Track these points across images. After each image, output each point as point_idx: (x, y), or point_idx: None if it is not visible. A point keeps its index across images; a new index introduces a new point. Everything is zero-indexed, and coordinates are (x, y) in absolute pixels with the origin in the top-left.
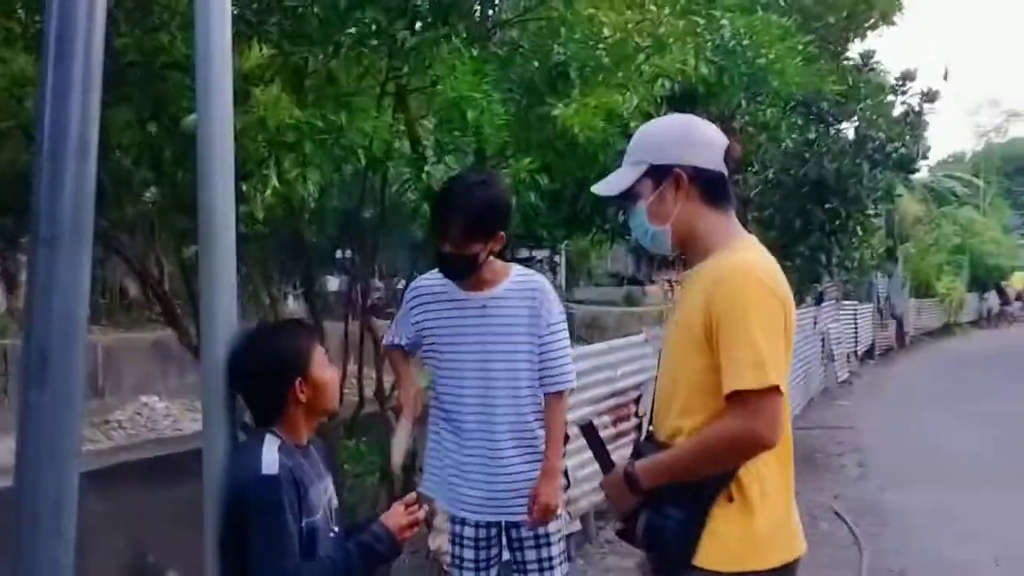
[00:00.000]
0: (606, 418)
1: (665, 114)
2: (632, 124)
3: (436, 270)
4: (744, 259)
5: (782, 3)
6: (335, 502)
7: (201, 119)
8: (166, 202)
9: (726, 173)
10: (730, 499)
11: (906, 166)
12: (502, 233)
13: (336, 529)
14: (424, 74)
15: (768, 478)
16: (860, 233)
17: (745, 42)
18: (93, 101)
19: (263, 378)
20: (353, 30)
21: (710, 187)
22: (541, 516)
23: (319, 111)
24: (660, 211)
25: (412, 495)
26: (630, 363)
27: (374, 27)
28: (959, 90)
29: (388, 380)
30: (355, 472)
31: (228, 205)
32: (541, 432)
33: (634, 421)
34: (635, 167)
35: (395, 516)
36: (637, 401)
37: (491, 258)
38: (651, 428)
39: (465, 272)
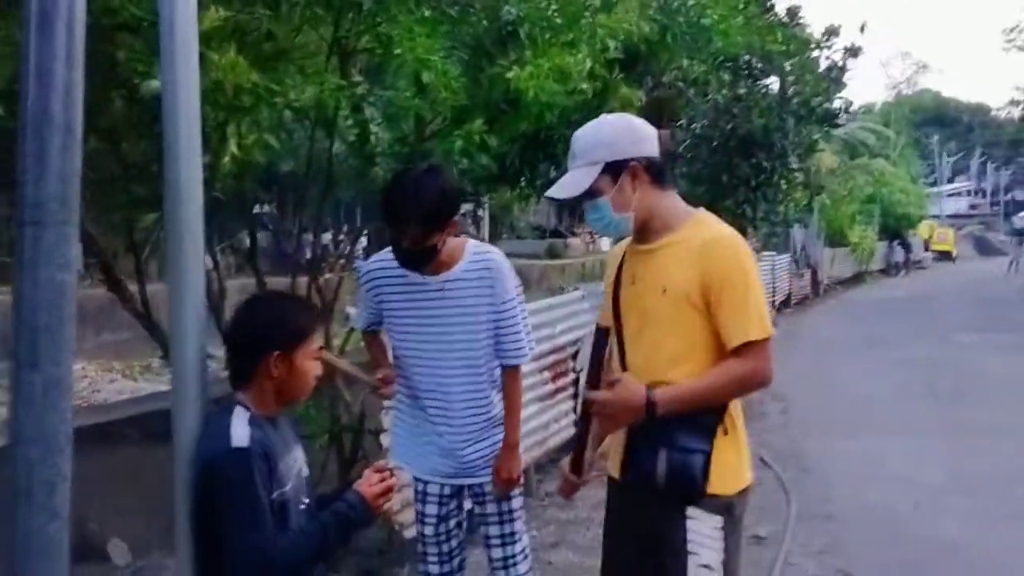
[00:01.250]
0: (546, 374)
1: (616, 76)
2: (584, 86)
3: (385, 252)
4: (727, 231)
5: None
6: (305, 471)
7: (166, 86)
8: (115, 168)
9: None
10: (725, 432)
11: (829, 120)
12: (455, 219)
13: (307, 500)
14: (375, 35)
15: (737, 412)
16: (784, 187)
17: (690, 1)
18: (77, 75)
19: (246, 338)
20: None
21: (658, 171)
22: (504, 488)
23: (274, 75)
24: (621, 201)
25: (384, 462)
26: (568, 319)
27: None
28: (872, 42)
29: (336, 341)
30: (303, 434)
31: (195, 173)
32: (499, 400)
33: (571, 376)
34: (591, 167)
35: (368, 484)
36: (574, 357)
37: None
38: (615, 377)
39: (426, 262)
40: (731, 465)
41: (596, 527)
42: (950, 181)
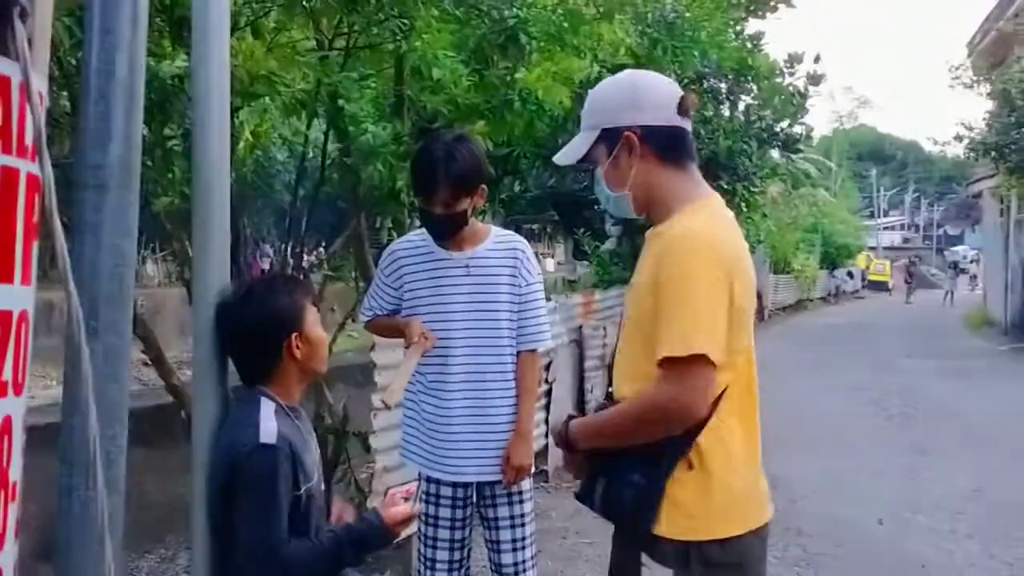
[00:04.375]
0: None
1: None
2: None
3: (411, 233)
4: (691, 226)
5: None
6: (318, 460)
7: (196, 68)
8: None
9: (683, 126)
10: (690, 466)
11: (791, 146)
12: (483, 187)
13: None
14: (385, 28)
15: (730, 442)
16: (744, 210)
17: (687, 14)
18: (141, 37)
19: (258, 333)
20: None
21: (664, 144)
22: (515, 476)
23: (283, 63)
24: (616, 175)
25: (412, 487)
26: None
27: None
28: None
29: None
30: None
31: (224, 154)
32: None
33: (544, 387)
34: (589, 132)
35: (393, 508)
36: (547, 368)
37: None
38: (611, 389)
39: (455, 231)
40: (691, 507)
41: (573, 536)
42: (885, 214)
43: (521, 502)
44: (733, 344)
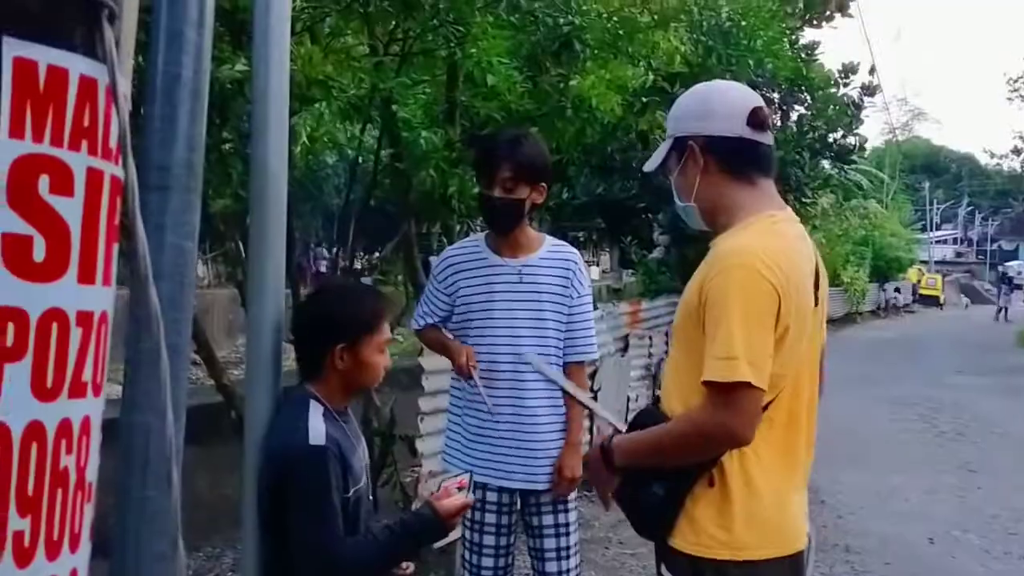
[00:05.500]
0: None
1: (679, 91)
2: (644, 100)
3: (464, 240)
4: (741, 243)
5: None
6: (366, 463)
7: (256, 71)
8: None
9: (755, 138)
10: (710, 484)
11: (844, 157)
12: (544, 185)
13: (372, 497)
14: (440, 34)
15: (753, 469)
16: None
17: (743, 23)
18: (206, 41)
19: (307, 332)
20: None
21: (729, 156)
22: (566, 487)
23: (339, 68)
24: (684, 186)
25: (465, 478)
26: None
27: None
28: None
29: None
30: None
31: (282, 155)
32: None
33: (588, 394)
34: (667, 141)
35: (447, 499)
36: (592, 376)
37: (527, 225)
38: (659, 392)
39: (512, 220)
40: (706, 524)
41: (616, 546)
42: (938, 228)
43: (566, 511)
44: (775, 368)
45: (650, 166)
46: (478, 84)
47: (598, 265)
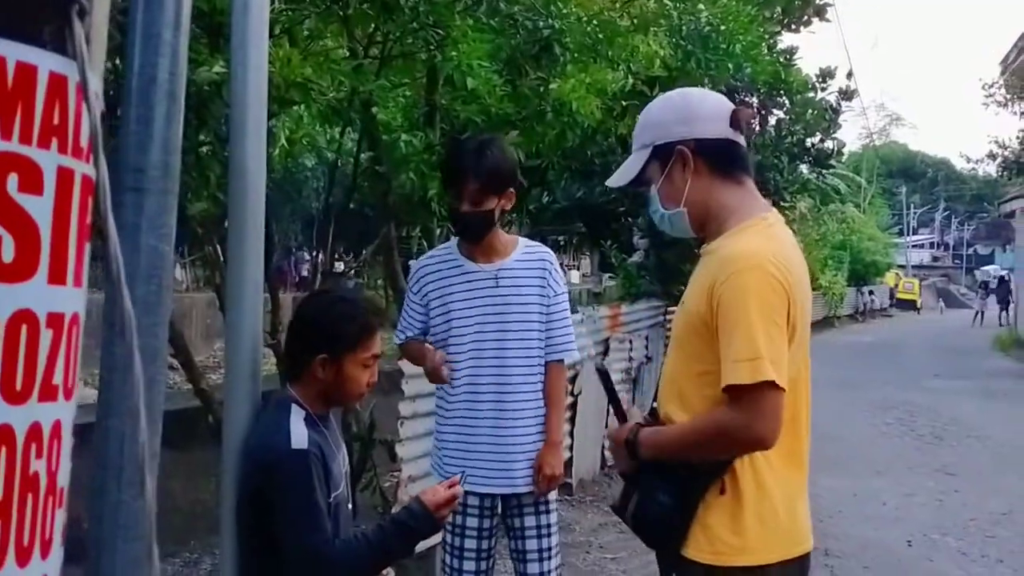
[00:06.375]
0: None
1: (656, 95)
2: (624, 103)
3: (437, 248)
4: (752, 246)
5: None
6: (346, 470)
7: (235, 74)
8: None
9: (737, 139)
10: (722, 491)
11: (822, 161)
12: (512, 190)
13: (350, 505)
14: (420, 38)
15: (765, 472)
16: None
17: (722, 28)
18: (183, 42)
19: (295, 337)
20: None
21: (718, 157)
22: (546, 486)
23: (319, 71)
24: (671, 192)
25: (457, 477)
26: None
27: None
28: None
29: None
30: None
31: (260, 159)
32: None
33: (569, 400)
34: (641, 152)
35: (434, 493)
36: (572, 380)
37: (499, 230)
38: (655, 404)
39: (483, 231)
40: (720, 531)
41: (597, 550)
42: (915, 232)
43: (547, 512)
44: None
45: (620, 180)
46: (458, 87)
47: (578, 269)
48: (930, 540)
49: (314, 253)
